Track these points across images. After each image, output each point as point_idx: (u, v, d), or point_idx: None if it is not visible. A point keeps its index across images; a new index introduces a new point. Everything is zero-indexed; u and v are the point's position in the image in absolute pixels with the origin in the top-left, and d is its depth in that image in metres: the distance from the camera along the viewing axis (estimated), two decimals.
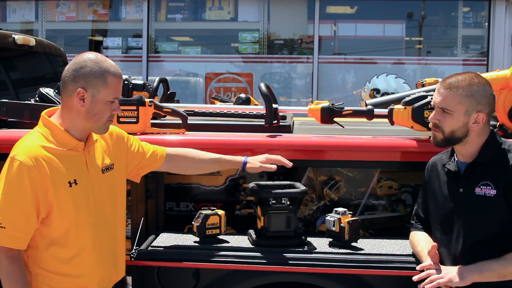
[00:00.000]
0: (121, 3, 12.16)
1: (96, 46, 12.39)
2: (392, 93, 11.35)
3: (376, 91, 11.76)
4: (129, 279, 3.89)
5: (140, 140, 3.66)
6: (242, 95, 6.00)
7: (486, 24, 11.85)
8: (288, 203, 3.81)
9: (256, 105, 6.17)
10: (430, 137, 4.01)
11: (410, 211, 4.44)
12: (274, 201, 3.80)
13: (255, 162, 3.77)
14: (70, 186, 3.08)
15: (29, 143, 3.05)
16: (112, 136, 3.45)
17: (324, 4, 11.90)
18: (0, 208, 2.96)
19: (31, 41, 5.72)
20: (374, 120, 4.35)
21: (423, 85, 5.35)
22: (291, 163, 3.80)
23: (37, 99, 4.52)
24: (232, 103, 6.18)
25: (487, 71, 11.24)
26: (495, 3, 11.52)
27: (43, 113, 3.21)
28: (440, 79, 5.03)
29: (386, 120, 4.23)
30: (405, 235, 4.05)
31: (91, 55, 3.14)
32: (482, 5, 11.81)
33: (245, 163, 3.78)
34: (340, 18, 12.38)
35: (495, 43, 11.57)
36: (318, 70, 11.81)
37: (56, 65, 6.59)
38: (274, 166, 3.75)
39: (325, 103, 4.23)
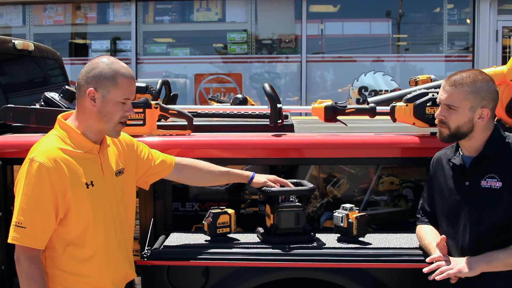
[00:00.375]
0: (109, 6, 12.17)
1: (85, 49, 12.40)
2: (381, 91, 11.55)
3: (364, 89, 11.88)
4: (137, 279, 3.95)
5: (149, 148, 3.73)
6: (239, 96, 6.08)
7: (468, 21, 11.99)
8: (297, 200, 3.90)
9: (252, 105, 6.25)
10: (431, 133, 4.12)
11: (411, 206, 4.56)
12: (283, 199, 3.88)
13: (261, 177, 3.89)
14: (87, 187, 3.16)
15: (47, 145, 3.13)
16: (122, 142, 3.53)
17: (311, 3, 11.97)
18: (20, 208, 3.02)
19: (30, 46, 5.77)
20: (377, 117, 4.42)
21: (416, 83, 5.42)
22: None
23: (42, 103, 4.55)
24: (229, 104, 6.24)
25: (473, 67, 11.39)
26: None
27: (59, 116, 3.29)
28: (432, 76, 5.16)
29: (388, 117, 4.30)
30: (407, 229, 4.15)
31: (103, 58, 3.23)
32: (466, 2, 11.94)
33: (252, 178, 3.88)
34: (326, 17, 12.44)
35: (480, 39, 11.70)
36: (306, 69, 11.90)
37: (47, 68, 6.63)
38: (278, 185, 3.88)
39: (329, 102, 4.31)
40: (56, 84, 6.51)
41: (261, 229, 3.97)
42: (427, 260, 3.41)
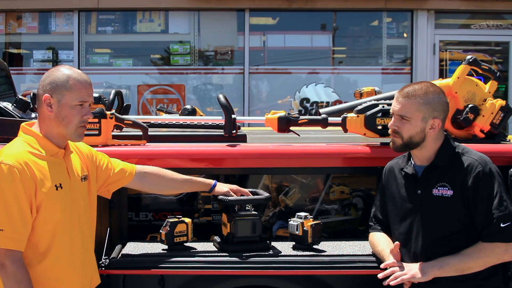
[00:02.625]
0: (51, 16, 12.01)
1: (26, 59, 12.23)
2: (322, 102, 11.73)
3: (305, 100, 12.02)
4: None
5: (109, 157, 3.77)
6: (188, 107, 6.10)
7: (405, 34, 12.28)
8: (253, 209, 3.96)
9: (201, 115, 6.29)
10: (381, 143, 4.24)
11: (361, 214, 4.67)
12: (239, 208, 3.94)
13: (223, 186, 3.96)
14: (57, 189, 3.20)
15: (15, 149, 3.18)
16: (82, 151, 3.58)
17: (252, 16, 12.08)
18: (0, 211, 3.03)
19: None
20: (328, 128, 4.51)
21: (361, 94, 5.54)
22: None
23: None
24: (178, 114, 6.27)
25: (411, 80, 11.67)
26: (417, 13, 11.94)
27: (23, 124, 3.35)
28: (377, 88, 5.30)
29: (339, 128, 4.39)
30: (357, 237, 4.26)
31: (59, 67, 3.33)
32: (404, 16, 12.22)
33: (214, 186, 3.94)
34: (268, 29, 12.60)
35: (418, 52, 11.99)
36: (249, 80, 11.99)
37: None
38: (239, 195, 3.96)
39: (282, 113, 4.38)
40: (2, 93, 6.44)
41: (217, 238, 4.02)
42: (382, 266, 3.51)
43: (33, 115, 4.54)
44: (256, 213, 3.94)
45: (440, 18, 12.15)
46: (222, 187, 3.95)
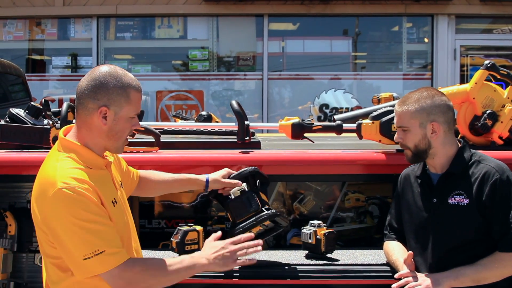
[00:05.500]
0: (70, 22, 12.12)
1: (45, 65, 12.30)
2: (341, 108, 11.67)
3: (325, 106, 11.97)
4: None
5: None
6: (204, 113, 6.06)
7: (426, 39, 12.20)
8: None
9: (217, 122, 6.25)
10: (397, 150, 4.17)
11: (377, 222, 4.60)
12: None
13: (217, 180, 3.65)
14: (114, 205, 2.91)
15: (68, 170, 2.78)
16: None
17: (271, 21, 12.07)
18: (84, 241, 2.69)
19: None
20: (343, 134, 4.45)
21: (379, 100, 5.45)
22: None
23: (7, 119, 4.48)
24: (193, 121, 6.24)
25: (431, 85, 11.57)
26: (437, 18, 11.85)
27: (61, 134, 2.97)
28: (395, 94, 5.22)
29: (354, 134, 4.33)
30: (373, 246, 4.19)
31: (109, 69, 2.90)
32: (425, 21, 12.13)
33: (207, 183, 3.64)
34: (287, 35, 12.58)
35: (439, 57, 11.89)
36: (267, 86, 11.96)
37: (9, 84, 6.57)
38: (238, 183, 3.66)
39: (296, 119, 4.32)
40: (19, 100, 6.46)
41: None
42: (396, 276, 3.42)
43: (45, 121, 4.49)
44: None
45: (461, 23, 12.06)
46: (216, 181, 3.63)
